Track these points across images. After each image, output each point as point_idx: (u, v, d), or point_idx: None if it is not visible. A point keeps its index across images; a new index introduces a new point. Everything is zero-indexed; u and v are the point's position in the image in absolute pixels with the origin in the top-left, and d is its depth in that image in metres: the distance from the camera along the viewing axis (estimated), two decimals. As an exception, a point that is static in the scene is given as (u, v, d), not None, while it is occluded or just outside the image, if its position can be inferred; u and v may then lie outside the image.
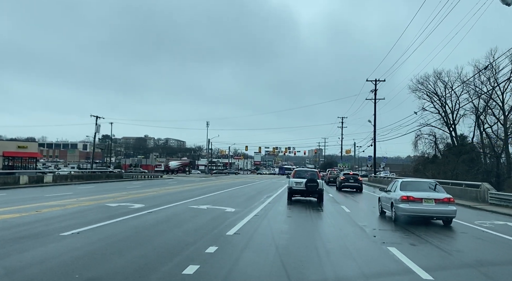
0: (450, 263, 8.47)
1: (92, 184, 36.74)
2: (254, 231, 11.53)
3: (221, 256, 8.06)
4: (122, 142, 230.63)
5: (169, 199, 21.79)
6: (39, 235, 9.85)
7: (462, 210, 19.19)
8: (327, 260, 8.24)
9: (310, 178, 22.01)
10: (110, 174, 47.64)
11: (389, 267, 7.81)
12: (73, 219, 12.92)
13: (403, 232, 12.56)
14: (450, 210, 13.98)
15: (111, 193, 25.76)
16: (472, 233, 12.90)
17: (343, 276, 7.16)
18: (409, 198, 14.10)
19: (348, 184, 36.83)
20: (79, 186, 34.23)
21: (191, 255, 8.03)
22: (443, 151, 70.98)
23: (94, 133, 70.24)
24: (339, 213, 17.88)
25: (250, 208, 18.12)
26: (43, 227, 11.13)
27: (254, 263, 7.69)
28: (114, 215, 14.24)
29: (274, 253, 8.58)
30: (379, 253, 9.13)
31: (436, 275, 7.09)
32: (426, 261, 8.44)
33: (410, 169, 69.69)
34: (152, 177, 64.43)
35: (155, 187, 33.40)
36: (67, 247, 8.56)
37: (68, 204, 18.03)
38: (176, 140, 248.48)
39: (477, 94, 58.49)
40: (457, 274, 7.71)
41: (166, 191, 28.53)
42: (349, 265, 7.88)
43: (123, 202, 19.18)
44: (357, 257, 8.55)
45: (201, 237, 10.18)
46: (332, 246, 9.87)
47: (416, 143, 74.30)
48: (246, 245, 9.46)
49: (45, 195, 23.45)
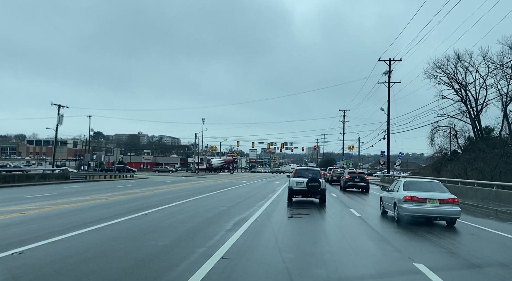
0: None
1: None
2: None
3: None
4: (114, 138, 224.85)
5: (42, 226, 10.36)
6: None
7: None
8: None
9: (311, 177, 20.68)
10: (46, 174, 36.13)
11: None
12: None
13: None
14: (454, 210, 13.59)
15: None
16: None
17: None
18: (413, 198, 13.76)
19: (353, 183, 33.85)
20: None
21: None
22: (464, 145, 60.47)
23: (56, 125, 59.22)
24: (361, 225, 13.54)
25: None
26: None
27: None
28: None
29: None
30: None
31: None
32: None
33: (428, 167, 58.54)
34: (122, 177, 53.21)
35: (79, 196, 21.60)
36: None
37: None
38: (171, 137, 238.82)
39: (506, 78, 47.78)
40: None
41: (76, 206, 16.43)
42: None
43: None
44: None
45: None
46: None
47: (432, 136, 63.58)
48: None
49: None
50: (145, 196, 22.63)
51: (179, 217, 13.92)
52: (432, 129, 63.14)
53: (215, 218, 13.87)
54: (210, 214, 14.98)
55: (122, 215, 13.81)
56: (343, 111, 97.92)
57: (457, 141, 62.08)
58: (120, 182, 42.07)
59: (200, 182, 44.51)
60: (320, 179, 20.75)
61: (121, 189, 29.16)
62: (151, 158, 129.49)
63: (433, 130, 63.46)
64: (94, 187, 31.33)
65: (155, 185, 35.04)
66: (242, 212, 15.91)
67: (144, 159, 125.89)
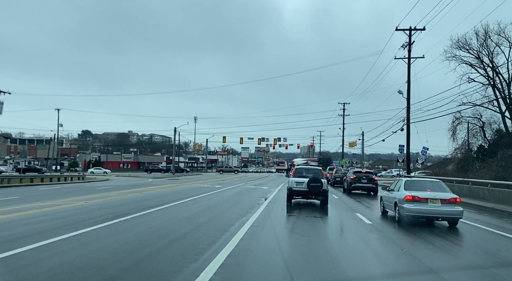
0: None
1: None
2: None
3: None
4: (102, 137, 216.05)
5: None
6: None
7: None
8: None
9: (313, 177, 18.92)
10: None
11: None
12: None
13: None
14: (457, 210, 13.11)
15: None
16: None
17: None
18: (414, 198, 13.35)
19: (360, 185, 30.18)
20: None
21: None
22: (492, 140, 48.98)
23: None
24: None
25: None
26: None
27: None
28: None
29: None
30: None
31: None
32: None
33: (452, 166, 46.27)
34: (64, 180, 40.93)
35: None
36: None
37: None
38: (161, 136, 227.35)
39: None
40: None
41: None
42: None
43: None
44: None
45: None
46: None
47: (454, 129, 51.71)
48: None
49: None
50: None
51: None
52: (454, 121, 51.50)
53: None
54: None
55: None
56: (343, 104, 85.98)
57: (484, 134, 50.48)
58: (33, 189, 29.51)
59: (153, 189, 31.84)
60: (322, 178, 19.06)
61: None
62: (132, 156, 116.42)
63: (454, 122, 51.79)
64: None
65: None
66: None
67: (124, 158, 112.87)
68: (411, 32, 39.73)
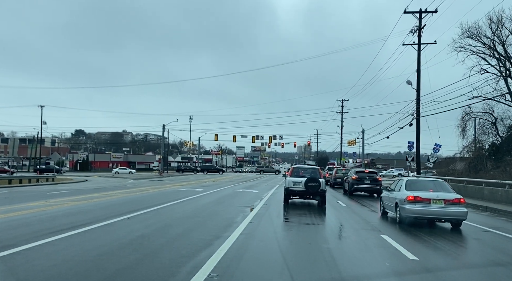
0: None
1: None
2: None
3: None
4: (95, 136, 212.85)
5: None
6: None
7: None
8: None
9: (310, 177, 18.68)
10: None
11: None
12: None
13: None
14: (460, 211, 12.57)
15: None
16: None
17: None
18: (416, 198, 12.71)
19: (362, 186, 27.79)
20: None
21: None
22: (505, 136, 44.73)
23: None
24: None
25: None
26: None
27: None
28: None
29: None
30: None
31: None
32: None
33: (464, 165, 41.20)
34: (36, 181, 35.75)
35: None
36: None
37: None
38: (156, 135, 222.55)
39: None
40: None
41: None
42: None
43: None
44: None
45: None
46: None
47: (464, 125, 47.09)
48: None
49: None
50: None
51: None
52: (464, 116, 46.91)
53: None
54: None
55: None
56: (341, 101, 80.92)
57: (497, 130, 45.90)
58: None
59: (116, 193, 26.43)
60: (320, 178, 18.60)
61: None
62: (122, 156, 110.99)
63: (464, 117, 47.17)
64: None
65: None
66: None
67: (113, 158, 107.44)
68: (421, 15, 34.77)
